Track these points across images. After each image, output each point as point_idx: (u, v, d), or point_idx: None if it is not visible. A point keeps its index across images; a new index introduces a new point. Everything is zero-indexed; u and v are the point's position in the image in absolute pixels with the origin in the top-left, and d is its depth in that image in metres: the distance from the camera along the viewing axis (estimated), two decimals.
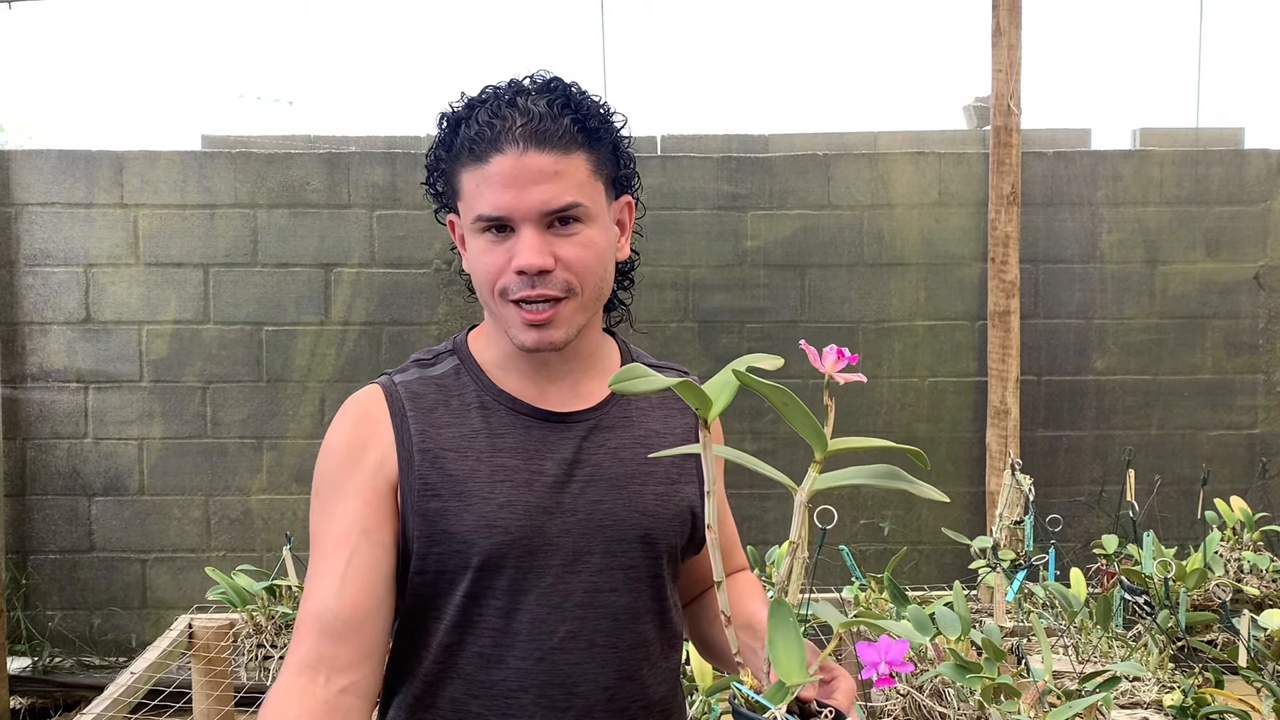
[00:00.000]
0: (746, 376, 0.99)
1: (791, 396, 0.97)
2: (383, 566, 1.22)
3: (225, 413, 4.28)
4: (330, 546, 1.21)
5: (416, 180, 4.26)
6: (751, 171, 4.30)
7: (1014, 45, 4.12)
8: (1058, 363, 4.36)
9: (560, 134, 1.20)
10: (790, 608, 1.01)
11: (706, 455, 1.05)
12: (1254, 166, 4.33)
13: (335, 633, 1.17)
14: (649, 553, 1.30)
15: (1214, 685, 2.11)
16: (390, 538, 1.24)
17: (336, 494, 1.24)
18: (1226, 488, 4.09)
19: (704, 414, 1.02)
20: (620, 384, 1.03)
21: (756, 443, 4.26)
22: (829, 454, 1.01)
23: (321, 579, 1.20)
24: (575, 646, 1.26)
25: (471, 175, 1.22)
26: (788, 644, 1.00)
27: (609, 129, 1.27)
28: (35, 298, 4.24)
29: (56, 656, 4.28)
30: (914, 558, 4.35)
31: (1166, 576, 2.61)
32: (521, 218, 1.20)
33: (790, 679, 0.99)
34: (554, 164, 1.20)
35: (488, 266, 1.23)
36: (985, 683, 1.88)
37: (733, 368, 1.03)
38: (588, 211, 1.22)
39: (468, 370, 1.31)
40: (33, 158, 4.23)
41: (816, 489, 1.02)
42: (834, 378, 1.03)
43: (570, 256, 1.21)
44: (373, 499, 1.23)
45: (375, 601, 1.21)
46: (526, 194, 1.19)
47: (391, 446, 1.25)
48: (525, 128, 1.19)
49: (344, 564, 1.20)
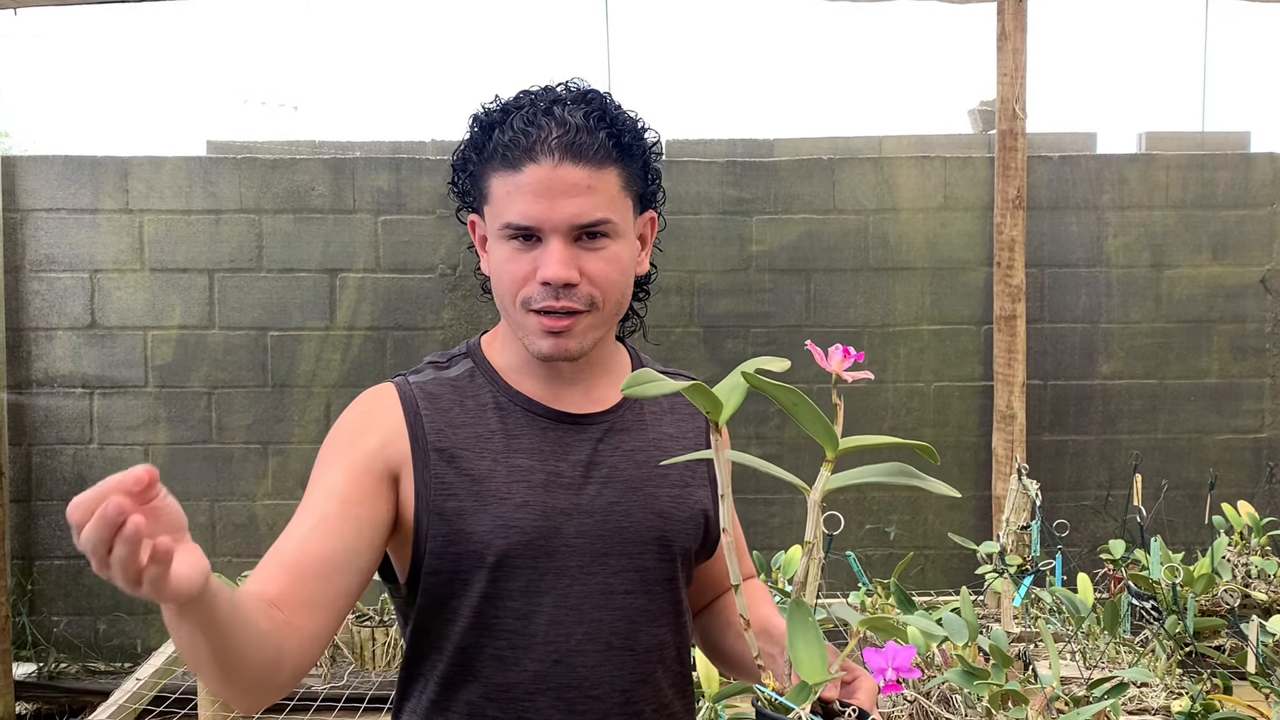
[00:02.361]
0: (755, 378, 0.99)
1: (801, 396, 0.97)
2: (349, 539, 1.18)
3: (230, 418, 4.29)
4: (306, 509, 1.20)
5: (421, 186, 4.27)
6: (756, 176, 4.30)
7: (1019, 49, 4.12)
8: (1064, 367, 4.35)
9: (595, 148, 1.20)
10: (809, 607, 1.01)
11: (719, 459, 1.04)
12: (1260, 170, 4.32)
13: (287, 567, 1.14)
14: (664, 555, 1.30)
15: (1222, 691, 2.11)
16: (369, 516, 1.20)
17: (328, 465, 1.23)
18: (1234, 492, 4.07)
19: (714, 417, 1.02)
20: (632, 388, 1.03)
21: (762, 447, 4.25)
22: (840, 453, 1.00)
23: (289, 531, 1.18)
24: (592, 649, 1.26)
25: (503, 181, 1.22)
26: (808, 644, 1.00)
27: (641, 145, 1.27)
28: (41, 303, 4.24)
29: (62, 662, 4.28)
30: (920, 563, 4.34)
31: (1174, 582, 2.60)
32: (551, 229, 1.20)
33: (813, 678, 0.99)
34: (587, 178, 1.19)
35: (512, 275, 1.23)
36: (993, 689, 1.87)
37: (741, 370, 1.03)
38: (616, 228, 1.23)
39: (483, 372, 1.31)
40: (38, 163, 4.24)
41: (829, 488, 1.02)
42: (841, 376, 1.03)
43: (596, 272, 1.22)
44: (362, 476, 1.21)
45: (331, 565, 1.16)
46: (558, 206, 1.19)
47: (401, 437, 1.24)
48: (561, 139, 1.19)
49: (313, 522, 1.17)
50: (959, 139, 4.41)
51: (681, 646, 1.36)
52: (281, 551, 1.16)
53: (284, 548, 1.17)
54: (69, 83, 6.43)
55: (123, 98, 6.34)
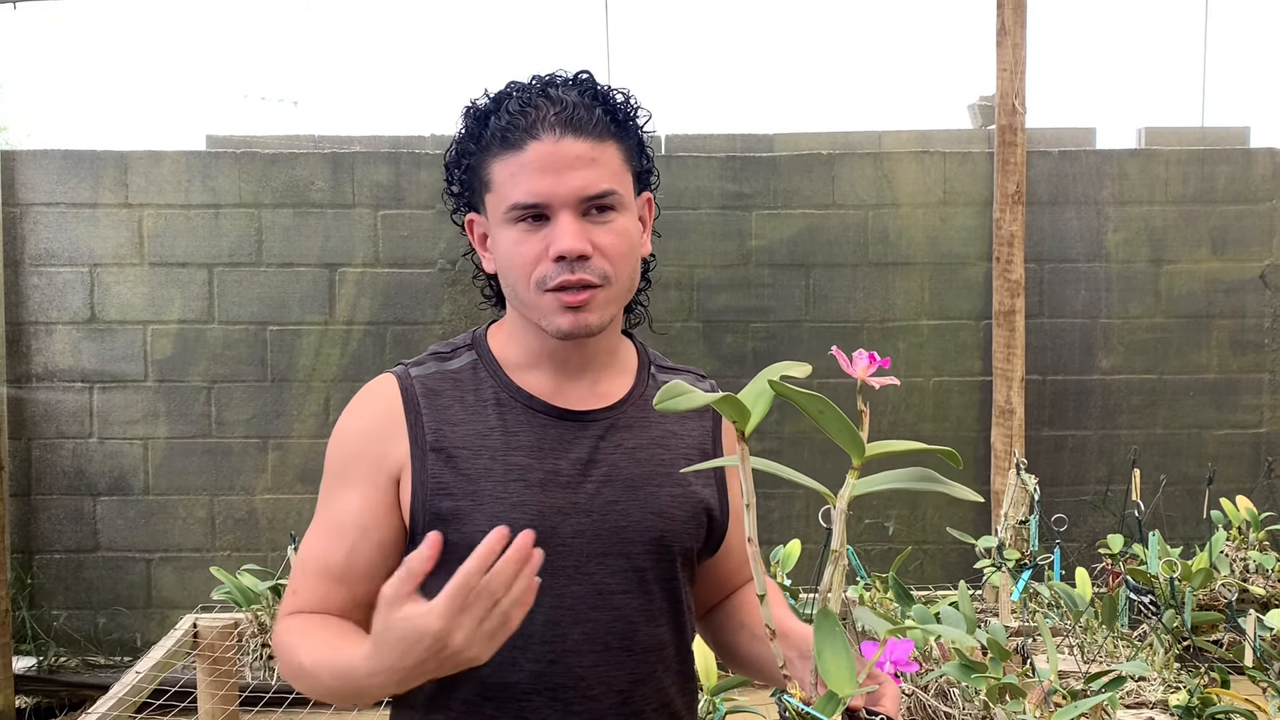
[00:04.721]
0: (781, 386, 0.98)
1: (828, 403, 0.96)
2: (376, 563, 1.25)
3: (230, 412, 4.29)
4: (334, 530, 1.26)
5: (421, 180, 4.26)
6: (756, 171, 4.30)
7: (1019, 44, 4.12)
8: (1063, 362, 4.35)
9: (594, 123, 1.21)
10: (835, 618, 1.00)
11: (745, 468, 1.03)
12: (1260, 165, 4.32)
13: (336, 576, 1.24)
14: (663, 555, 1.29)
15: (1220, 685, 2.11)
16: (389, 536, 1.25)
17: (343, 482, 1.27)
18: (1232, 487, 4.08)
19: (741, 426, 1.01)
20: (665, 403, 1.03)
21: (761, 442, 4.25)
22: (866, 459, 1.00)
23: (325, 545, 1.26)
24: (589, 649, 1.25)
25: (505, 164, 1.21)
26: (836, 655, 0.99)
27: (635, 123, 1.28)
28: (40, 298, 4.24)
29: (61, 656, 4.29)
30: (919, 557, 4.35)
31: (1172, 576, 2.61)
32: (560, 203, 1.19)
33: (842, 690, 0.98)
34: (590, 150, 1.20)
35: (524, 255, 1.21)
36: (990, 682, 1.87)
37: (766, 377, 1.02)
38: (621, 200, 1.23)
39: (486, 366, 1.30)
40: (38, 158, 4.24)
41: (854, 495, 1.01)
42: (867, 382, 1.02)
43: (607, 244, 1.21)
44: (372, 494, 1.25)
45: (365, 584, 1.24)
46: (564, 179, 1.18)
47: (401, 440, 1.25)
48: (560, 115, 1.19)
49: (347, 550, 1.25)
50: (959, 134, 4.41)
51: (682, 646, 1.35)
52: (329, 565, 1.25)
53: (331, 560, 1.25)
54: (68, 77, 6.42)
55: (122, 92, 6.33)
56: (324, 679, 1.16)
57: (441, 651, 1.03)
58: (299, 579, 1.26)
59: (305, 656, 1.18)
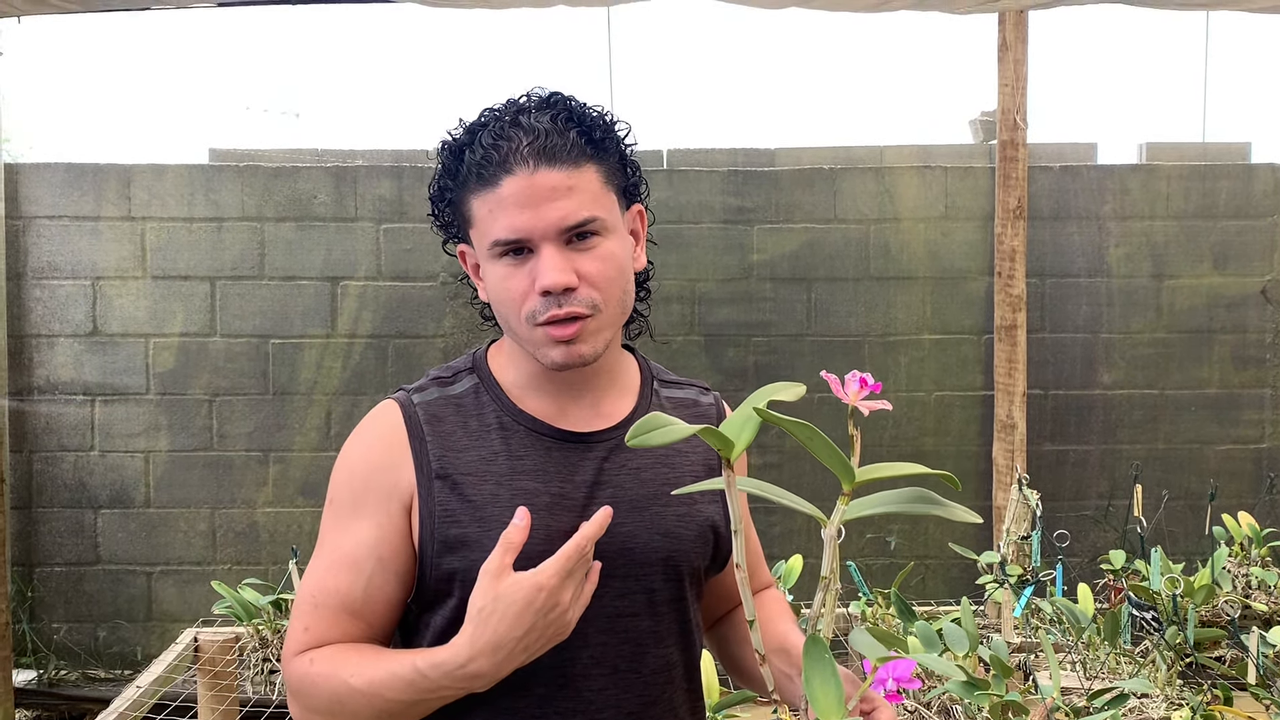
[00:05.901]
0: (767, 413, 0.97)
1: (815, 431, 0.95)
2: (392, 593, 1.24)
3: (231, 425, 4.29)
4: (347, 563, 1.24)
5: (423, 194, 4.27)
6: (758, 185, 4.31)
7: (1020, 60, 4.13)
8: (1064, 377, 4.35)
9: (569, 148, 1.19)
10: (825, 644, 0.99)
11: (731, 493, 1.03)
12: (1261, 181, 4.33)
13: (354, 611, 1.23)
14: (671, 575, 1.28)
15: (1223, 702, 2.10)
16: (405, 565, 1.24)
17: (354, 514, 1.25)
18: (1234, 503, 4.07)
19: (726, 454, 1.00)
20: (638, 438, 1.01)
21: (762, 456, 4.25)
22: (856, 485, 0.99)
23: (339, 579, 1.24)
24: (599, 672, 1.24)
25: (483, 200, 1.20)
26: (825, 682, 0.98)
27: (614, 139, 1.25)
28: (43, 310, 4.25)
29: (62, 669, 4.28)
30: (921, 573, 4.34)
31: (1174, 592, 2.60)
32: (540, 237, 1.18)
33: (829, 718, 0.97)
34: (566, 179, 1.18)
35: (511, 291, 1.21)
36: (993, 699, 1.87)
37: (753, 404, 1.01)
38: (604, 224, 1.21)
39: (487, 389, 1.29)
40: (41, 171, 4.25)
41: (848, 518, 1.00)
42: (858, 407, 1.01)
43: (592, 271, 1.20)
44: (386, 523, 1.23)
45: (385, 615, 1.25)
46: (542, 212, 1.17)
47: (409, 470, 1.24)
48: (533, 146, 1.18)
49: (364, 583, 1.23)
50: (960, 149, 4.41)
51: (690, 665, 1.34)
52: (349, 600, 1.23)
53: (350, 595, 1.23)
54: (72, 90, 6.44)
55: (125, 105, 6.35)
56: (385, 694, 1.14)
57: (551, 611, 1.10)
58: (310, 616, 1.23)
59: (354, 679, 1.16)
